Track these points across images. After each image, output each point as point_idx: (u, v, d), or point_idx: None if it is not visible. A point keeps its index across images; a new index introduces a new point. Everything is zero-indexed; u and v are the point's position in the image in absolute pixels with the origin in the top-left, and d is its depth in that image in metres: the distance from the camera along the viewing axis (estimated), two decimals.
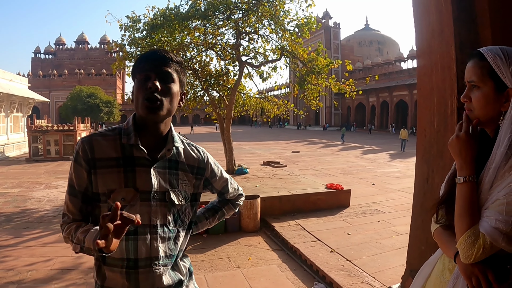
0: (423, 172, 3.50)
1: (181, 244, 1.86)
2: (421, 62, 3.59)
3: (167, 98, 1.65)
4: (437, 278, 1.78)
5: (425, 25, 3.45)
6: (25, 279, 5.62)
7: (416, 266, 3.46)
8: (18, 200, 11.40)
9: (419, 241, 3.49)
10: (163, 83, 1.63)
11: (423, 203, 3.46)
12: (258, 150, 29.56)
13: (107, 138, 1.73)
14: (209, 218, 2.19)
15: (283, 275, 5.88)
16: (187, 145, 1.92)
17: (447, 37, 3.08)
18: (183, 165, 1.84)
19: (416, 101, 17.64)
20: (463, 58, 2.94)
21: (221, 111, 14.59)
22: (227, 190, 2.16)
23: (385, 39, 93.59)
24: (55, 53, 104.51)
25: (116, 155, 1.69)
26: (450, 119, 3.07)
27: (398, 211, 9.51)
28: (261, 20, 12.89)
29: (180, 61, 1.74)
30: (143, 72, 1.64)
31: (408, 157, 23.44)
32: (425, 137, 3.46)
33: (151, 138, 1.74)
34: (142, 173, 1.69)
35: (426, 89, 3.45)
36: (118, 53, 14.59)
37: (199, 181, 1.92)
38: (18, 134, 29.56)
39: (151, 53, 1.69)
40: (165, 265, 1.75)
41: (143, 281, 1.69)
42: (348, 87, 13.38)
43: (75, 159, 1.70)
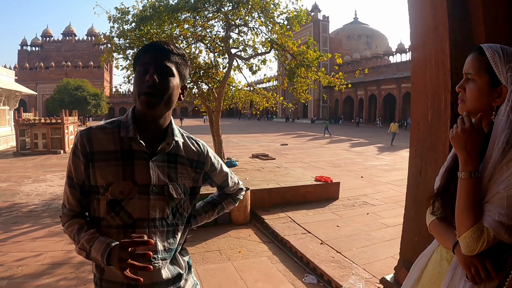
0: (416, 165, 3.54)
1: (180, 238, 1.86)
2: (416, 57, 3.62)
3: (166, 92, 1.63)
4: (435, 269, 1.82)
5: (420, 21, 3.49)
6: (16, 275, 5.58)
7: (409, 257, 3.51)
8: (6, 195, 11.30)
9: (412, 232, 3.54)
10: (162, 76, 1.61)
11: (416, 195, 3.50)
12: (246, 142, 29.58)
13: (106, 131, 1.72)
14: (208, 212, 2.18)
15: (274, 267, 5.92)
16: (187, 138, 1.91)
17: (441, 33, 3.12)
18: (182, 159, 1.83)
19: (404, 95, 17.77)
20: (457, 54, 3.00)
21: (210, 104, 14.57)
22: (227, 184, 2.15)
23: (374, 33, 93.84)
24: (42, 45, 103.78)
25: (114, 148, 1.68)
26: (444, 113, 3.11)
27: (387, 204, 9.59)
28: (251, 13, 12.86)
29: (182, 54, 1.71)
30: (142, 65, 1.63)
31: (396, 150, 23.61)
32: (418, 131, 3.49)
33: (150, 131, 1.74)
34: (141, 166, 1.69)
35: (420, 83, 3.49)
36: (107, 45, 14.47)
37: (199, 175, 1.92)
38: (4, 127, 29.24)
39: (150, 45, 1.67)
40: (164, 259, 1.76)
41: (142, 274, 1.66)
42: (338, 80, 13.40)
43: (73, 152, 1.70)
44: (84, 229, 1.66)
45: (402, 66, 59.47)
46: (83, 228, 1.67)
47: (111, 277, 1.72)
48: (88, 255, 1.60)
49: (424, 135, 3.40)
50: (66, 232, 1.72)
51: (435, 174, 1.92)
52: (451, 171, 1.74)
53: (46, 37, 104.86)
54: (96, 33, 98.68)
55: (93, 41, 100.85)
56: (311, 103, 77.57)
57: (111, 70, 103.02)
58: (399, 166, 16.73)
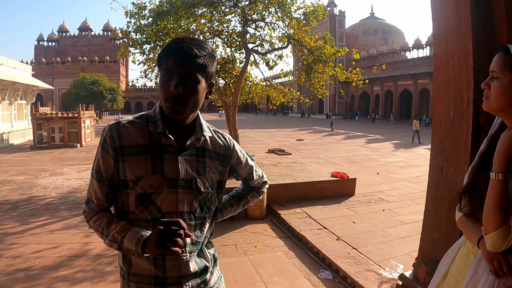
0: (437, 162, 3.52)
1: (207, 231, 1.88)
2: (438, 53, 3.60)
3: (191, 100, 1.63)
4: (461, 261, 1.87)
5: (443, 17, 3.46)
6: (33, 266, 5.67)
7: (428, 254, 3.50)
8: (23, 188, 11.46)
9: (432, 229, 3.52)
10: (187, 85, 1.60)
11: (437, 192, 3.48)
12: (262, 137, 29.61)
13: (135, 126, 1.73)
14: (233, 205, 2.20)
15: (289, 262, 5.93)
16: (213, 132, 1.93)
17: (464, 30, 3.10)
18: (210, 153, 1.84)
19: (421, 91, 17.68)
20: (479, 52, 2.98)
21: (227, 99, 14.57)
22: (252, 177, 2.16)
23: (390, 28, 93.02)
24: (58, 40, 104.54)
25: (144, 142, 1.69)
26: (466, 110, 3.09)
27: (403, 201, 9.55)
28: (268, 8, 12.82)
29: (208, 52, 1.66)
30: (166, 70, 1.61)
31: (412, 147, 23.43)
32: (440, 128, 3.47)
33: (178, 126, 1.74)
34: (170, 160, 1.70)
35: (443, 80, 3.46)
36: (123, 40, 14.53)
37: (225, 168, 1.93)
38: (22, 121, 29.60)
39: (174, 49, 1.62)
40: (191, 252, 1.77)
41: (170, 267, 1.71)
42: (355, 76, 13.32)
43: (102, 146, 1.71)
44: (114, 221, 1.68)
45: (418, 62, 58.93)
46: (113, 221, 1.68)
47: (138, 270, 1.73)
48: (120, 246, 1.62)
49: (446, 132, 3.38)
50: (92, 226, 1.72)
51: (456, 171, 1.96)
52: (478, 169, 1.78)
53: (62, 32, 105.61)
54: (112, 28, 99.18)
55: (109, 36, 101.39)
56: (327, 98, 77.26)
57: (127, 64, 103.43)
58: (415, 163, 16.63)
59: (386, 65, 60.44)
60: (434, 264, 3.16)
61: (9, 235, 7.14)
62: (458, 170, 2.86)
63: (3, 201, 9.77)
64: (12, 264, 5.76)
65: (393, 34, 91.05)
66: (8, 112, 27.22)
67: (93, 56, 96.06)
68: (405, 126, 48.55)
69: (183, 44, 1.62)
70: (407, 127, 47.06)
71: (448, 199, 3.13)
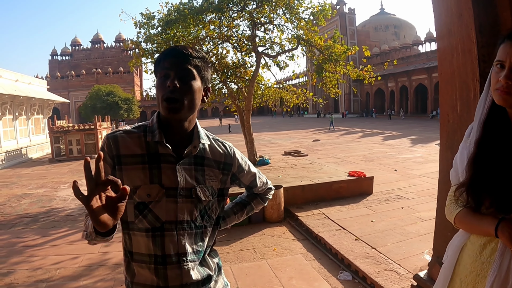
0: (447, 158, 3.46)
1: (209, 239, 1.86)
2: (441, 46, 3.53)
3: (188, 97, 1.63)
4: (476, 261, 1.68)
5: (444, 9, 3.40)
6: (54, 277, 5.75)
7: (442, 253, 3.43)
8: (43, 200, 11.59)
9: (445, 228, 3.45)
10: (183, 81, 1.61)
11: (448, 189, 3.41)
12: (278, 140, 29.54)
13: (132, 135, 1.74)
14: (237, 213, 2.17)
15: (308, 265, 5.90)
16: (213, 140, 1.91)
17: (466, 20, 3.03)
18: (209, 161, 1.83)
19: (436, 85, 17.46)
20: (484, 41, 2.91)
21: (240, 103, 14.60)
22: (255, 184, 2.13)
23: (401, 23, 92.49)
24: (72, 54, 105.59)
25: (141, 152, 1.70)
26: (473, 103, 3.01)
27: (422, 197, 9.45)
28: (275, 10, 12.86)
29: (202, 56, 1.70)
30: (162, 70, 1.63)
31: (429, 142, 23.21)
32: (448, 123, 3.41)
33: (176, 135, 1.74)
34: (168, 170, 1.69)
35: (448, 73, 3.40)
36: (134, 50, 14.66)
37: (226, 176, 1.91)
38: (39, 135, 29.98)
39: (170, 50, 1.67)
40: (193, 261, 1.75)
41: (171, 276, 1.70)
42: (367, 73, 13.25)
43: None
44: None
45: (432, 55, 58.37)
46: None
47: (141, 280, 1.73)
48: (86, 235, 1.56)
49: (454, 127, 3.32)
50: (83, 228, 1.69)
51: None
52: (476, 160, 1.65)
53: (75, 45, 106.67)
54: (123, 39, 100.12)
55: (121, 47, 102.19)
56: (341, 97, 77.02)
57: (140, 74, 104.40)
58: (433, 158, 16.43)
59: (400, 60, 60.26)
60: None
61: (30, 248, 7.23)
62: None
63: (23, 215, 9.90)
64: (32, 275, 5.83)
65: (404, 28, 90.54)
66: (25, 127, 27.58)
67: (107, 67, 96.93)
68: (421, 121, 48.22)
69: (178, 47, 1.67)
70: (423, 121, 46.77)
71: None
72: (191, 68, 1.64)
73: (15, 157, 23.81)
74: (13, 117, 25.52)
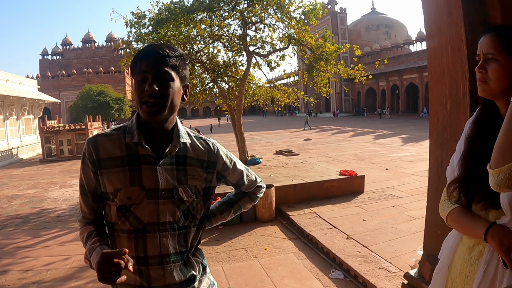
0: (437, 156, 3.47)
1: (193, 239, 1.85)
2: (431, 44, 3.54)
3: (167, 99, 1.62)
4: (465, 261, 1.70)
5: (433, 7, 3.40)
6: (45, 279, 5.72)
7: (433, 251, 3.43)
8: (34, 201, 11.54)
9: (435, 226, 3.46)
10: (161, 83, 1.59)
11: (438, 186, 3.41)
12: (270, 139, 29.56)
13: (112, 138, 1.73)
14: (223, 212, 2.14)
15: (300, 264, 5.91)
16: (195, 138, 1.89)
17: (455, 18, 3.03)
18: (191, 160, 1.81)
19: (427, 84, 17.59)
20: (473, 39, 2.89)
21: (231, 102, 14.58)
22: (243, 182, 2.10)
23: (393, 22, 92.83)
24: (63, 53, 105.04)
25: (121, 154, 1.69)
26: (463, 101, 3.03)
27: (413, 195, 9.49)
28: (266, 9, 12.84)
29: (179, 54, 1.68)
30: (140, 73, 1.61)
31: (420, 141, 23.29)
32: (438, 121, 3.41)
33: (155, 135, 1.73)
34: (148, 171, 1.68)
35: (437, 72, 3.40)
36: (125, 50, 14.61)
37: (211, 175, 1.89)
38: (30, 136, 29.88)
39: (146, 52, 1.64)
40: (176, 262, 1.75)
41: (154, 277, 1.71)
42: (358, 72, 13.28)
43: (83, 160, 1.73)
44: (91, 237, 1.68)
45: (423, 55, 58.59)
46: (90, 236, 1.68)
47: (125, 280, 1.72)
48: (91, 265, 1.61)
49: (444, 124, 3.32)
50: (80, 239, 1.74)
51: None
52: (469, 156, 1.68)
53: (66, 45, 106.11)
54: (115, 39, 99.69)
55: (112, 47, 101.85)
56: (333, 96, 77.20)
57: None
58: (424, 156, 16.45)
59: (391, 60, 60.47)
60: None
61: (21, 249, 7.20)
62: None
63: (14, 216, 9.84)
64: (24, 277, 5.81)
65: (395, 28, 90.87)
66: (16, 127, 27.49)
67: (98, 67, 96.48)
68: (413, 120, 48.38)
69: (154, 47, 1.65)
70: (415, 120, 46.94)
71: None
72: (169, 70, 1.62)
73: (5, 158, 23.70)
74: (3, 117, 25.43)
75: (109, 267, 1.36)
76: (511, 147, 1.35)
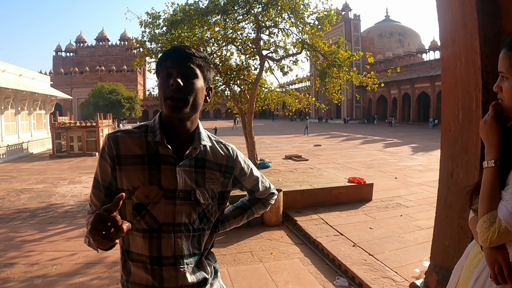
0: (447, 167, 3.46)
1: (206, 242, 1.85)
2: (445, 55, 3.53)
3: (191, 95, 1.62)
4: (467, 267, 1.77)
5: (448, 18, 3.40)
6: (50, 273, 5.75)
7: (439, 262, 3.43)
8: (42, 196, 11.60)
9: (443, 236, 3.45)
10: (186, 79, 1.61)
11: (447, 198, 3.41)
12: (279, 144, 29.52)
13: (133, 136, 1.73)
14: (237, 217, 2.16)
15: (305, 269, 5.89)
16: (215, 142, 1.90)
17: (470, 30, 3.03)
18: (210, 163, 1.81)
19: (438, 93, 17.44)
20: (487, 52, 2.90)
21: (243, 106, 14.60)
22: (258, 188, 2.11)
23: (406, 30, 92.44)
24: (76, 50, 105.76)
25: (141, 152, 1.69)
26: (475, 113, 3.02)
27: (421, 205, 9.43)
28: (281, 14, 12.86)
29: (204, 56, 1.70)
30: (165, 70, 1.63)
31: (430, 150, 23.18)
32: (449, 132, 3.41)
33: (177, 136, 1.73)
34: (167, 171, 1.68)
35: (450, 83, 3.40)
36: (139, 49, 14.68)
37: (228, 179, 1.90)
38: (41, 131, 30.04)
39: (172, 50, 1.67)
40: (189, 264, 1.75)
41: (167, 278, 1.70)
42: (370, 79, 13.25)
43: (101, 155, 1.72)
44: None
45: (435, 64, 58.23)
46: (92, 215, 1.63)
47: (136, 279, 1.73)
48: (89, 242, 1.56)
49: (455, 136, 3.32)
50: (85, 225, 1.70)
51: (467, 177, 1.88)
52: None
53: (79, 42, 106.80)
54: (128, 38, 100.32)
55: (126, 46, 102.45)
56: (344, 103, 76.96)
57: (144, 73, 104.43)
58: (433, 166, 16.38)
59: (403, 68, 60.18)
60: (445, 272, 3.09)
61: (27, 243, 7.24)
62: (468, 175, 2.78)
63: (22, 209, 9.91)
64: (29, 271, 5.84)
65: (409, 36, 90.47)
66: (27, 121, 27.65)
67: (111, 65, 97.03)
68: (423, 129, 48.16)
69: (180, 47, 1.68)
70: (425, 129, 46.71)
71: (458, 205, 3.06)
72: (194, 66, 1.65)
73: (15, 152, 23.87)
74: (15, 112, 25.59)
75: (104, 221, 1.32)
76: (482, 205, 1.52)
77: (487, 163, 1.53)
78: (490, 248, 1.47)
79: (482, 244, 1.48)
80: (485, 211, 1.46)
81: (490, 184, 1.49)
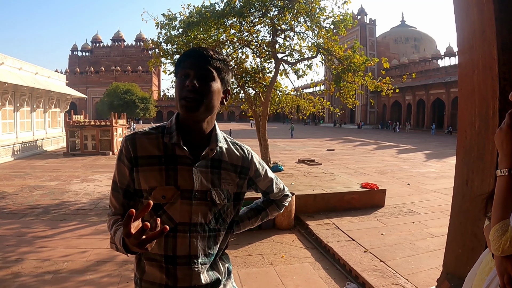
0: (462, 174, 3.43)
1: (221, 243, 1.86)
2: (462, 61, 3.51)
3: (206, 97, 1.63)
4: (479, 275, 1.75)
5: (467, 24, 3.37)
6: (61, 270, 5.80)
7: (452, 270, 3.39)
8: (55, 193, 11.72)
9: (456, 244, 3.42)
10: (202, 81, 1.62)
11: (462, 205, 3.37)
12: (293, 147, 29.50)
13: (150, 137, 1.74)
14: (251, 218, 2.16)
15: (315, 274, 5.87)
16: (231, 144, 1.91)
17: (488, 37, 3.01)
18: (226, 164, 1.82)
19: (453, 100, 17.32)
20: (505, 59, 2.87)
21: (257, 108, 14.62)
22: (272, 190, 2.11)
23: (422, 36, 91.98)
24: (92, 50, 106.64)
25: (158, 153, 1.70)
26: (492, 121, 2.99)
27: (433, 213, 9.36)
28: (296, 17, 12.86)
29: (223, 59, 1.71)
30: (183, 70, 1.64)
31: (444, 157, 23.03)
32: (465, 139, 3.38)
33: (194, 137, 1.75)
34: (184, 171, 1.69)
35: (467, 89, 3.37)
36: (154, 50, 14.78)
37: (243, 180, 1.91)
38: (56, 129, 30.31)
39: (191, 51, 1.68)
40: (203, 264, 1.76)
41: (181, 277, 1.71)
42: (385, 85, 13.20)
43: (119, 157, 1.74)
44: (117, 222, 1.68)
45: (451, 70, 57.86)
46: (116, 222, 1.68)
47: (150, 278, 1.74)
48: (117, 248, 1.61)
49: (472, 143, 3.29)
50: (107, 227, 1.75)
51: (482, 185, 1.86)
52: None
53: (96, 42, 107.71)
54: (144, 39, 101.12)
55: (141, 47, 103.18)
56: (358, 108, 76.73)
57: (159, 74, 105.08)
58: (447, 173, 16.28)
59: (418, 74, 59.72)
60: (458, 281, 3.06)
61: (39, 238, 7.32)
62: (483, 183, 2.75)
63: (35, 205, 10.03)
64: (40, 266, 5.91)
65: (424, 42, 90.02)
66: (42, 119, 27.91)
67: (126, 65, 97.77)
68: (437, 136, 47.82)
69: (199, 48, 1.69)
70: (439, 137, 46.38)
71: (473, 213, 3.03)
72: (211, 69, 1.65)
73: (30, 149, 24.14)
74: (30, 109, 25.82)
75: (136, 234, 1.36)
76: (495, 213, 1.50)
77: (500, 172, 1.51)
78: (501, 257, 1.45)
79: (495, 253, 1.45)
80: (497, 220, 1.45)
81: (503, 193, 1.48)
